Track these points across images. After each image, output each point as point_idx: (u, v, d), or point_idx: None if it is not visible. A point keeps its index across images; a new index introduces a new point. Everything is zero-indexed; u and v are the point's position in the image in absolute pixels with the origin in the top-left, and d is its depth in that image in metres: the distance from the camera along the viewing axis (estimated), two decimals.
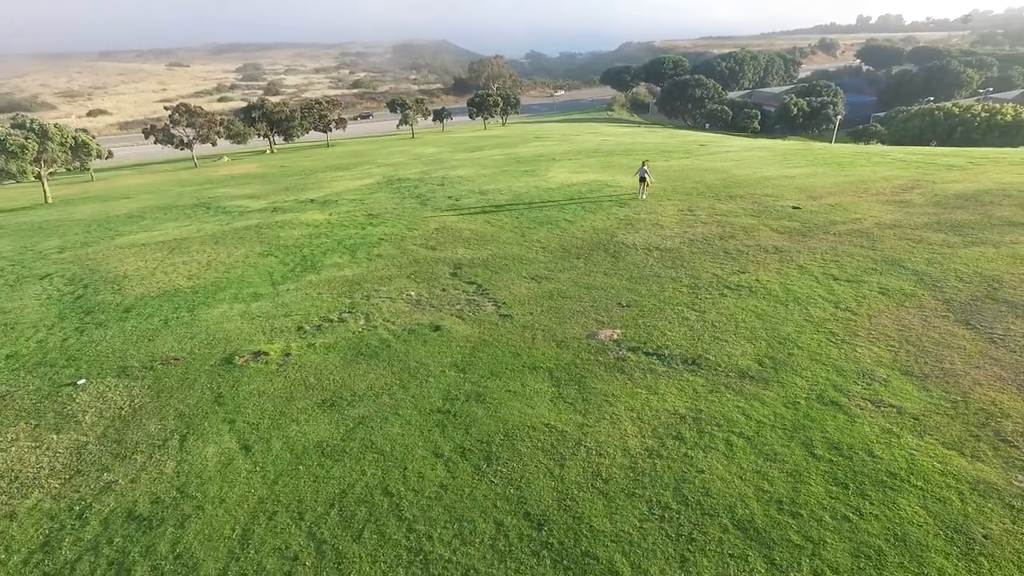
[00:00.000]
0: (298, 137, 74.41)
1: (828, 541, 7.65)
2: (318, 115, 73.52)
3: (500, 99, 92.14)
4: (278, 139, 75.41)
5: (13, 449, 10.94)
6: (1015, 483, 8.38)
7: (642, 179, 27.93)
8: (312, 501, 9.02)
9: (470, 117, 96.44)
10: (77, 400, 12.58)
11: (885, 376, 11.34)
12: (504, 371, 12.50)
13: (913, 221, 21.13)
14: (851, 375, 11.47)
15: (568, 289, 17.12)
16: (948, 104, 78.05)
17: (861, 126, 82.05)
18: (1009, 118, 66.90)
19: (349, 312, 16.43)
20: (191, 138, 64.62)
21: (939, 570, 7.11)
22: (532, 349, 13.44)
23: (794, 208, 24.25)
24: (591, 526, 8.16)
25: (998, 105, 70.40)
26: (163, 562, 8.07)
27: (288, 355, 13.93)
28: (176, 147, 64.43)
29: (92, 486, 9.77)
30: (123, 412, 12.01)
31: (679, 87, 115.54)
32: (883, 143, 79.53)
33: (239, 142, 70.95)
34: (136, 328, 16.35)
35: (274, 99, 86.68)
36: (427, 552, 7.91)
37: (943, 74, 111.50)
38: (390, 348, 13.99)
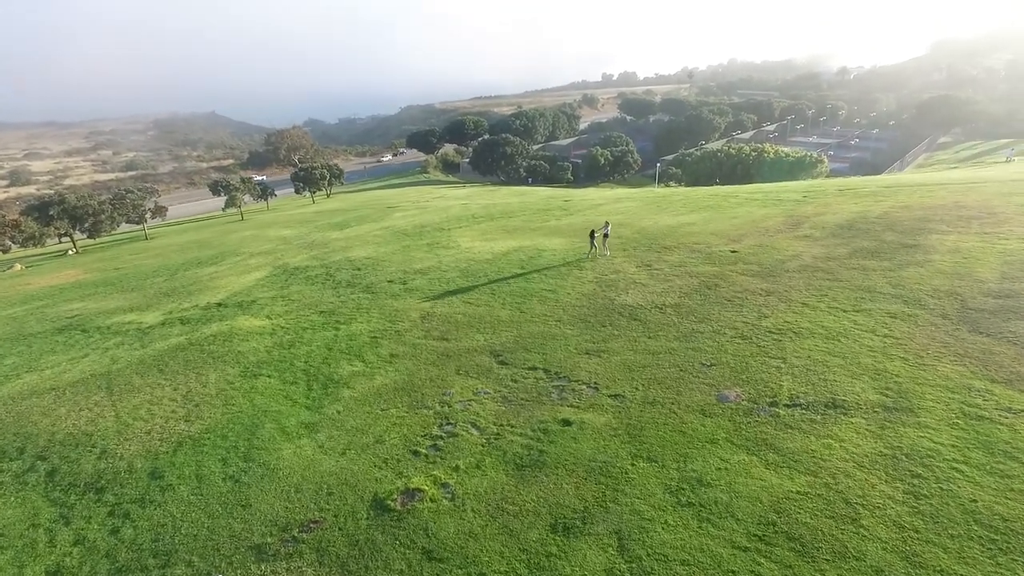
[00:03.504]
0: (107, 232, 64.66)
1: None
2: (131, 205, 64.71)
3: (327, 171, 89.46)
4: (79, 236, 64.69)
5: None
6: None
7: (605, 235, 29.76)
8: None
9: (296, 192, 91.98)
10: None
11: (985, 387, 13.74)
12: (694, 452, 12.69)
13: (838, 253, 25.37)
14: (962, 391, 13.69)
15: (636, 358, 17.70)
16: (725, 146, 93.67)
17: (660, 168, 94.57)
18: (772, 156, 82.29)
19: (447, 423, 15.19)
20: None
21: None
22: (685, 424, 13.78)
23: (732, 252, 27.58)
24: None
25: (761, 146, 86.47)
26: None
27: (445, 485, 12.54)
28: None
29: None
30: None
31: (489, 146, 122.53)
32: (679, 183, 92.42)
33: (33, 245, 59.40)
34: (202, 497, 13.34)
35: (71, 190, 74.24)
36: None
37: (699, 122, 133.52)
38: (545, 453, 13.32)
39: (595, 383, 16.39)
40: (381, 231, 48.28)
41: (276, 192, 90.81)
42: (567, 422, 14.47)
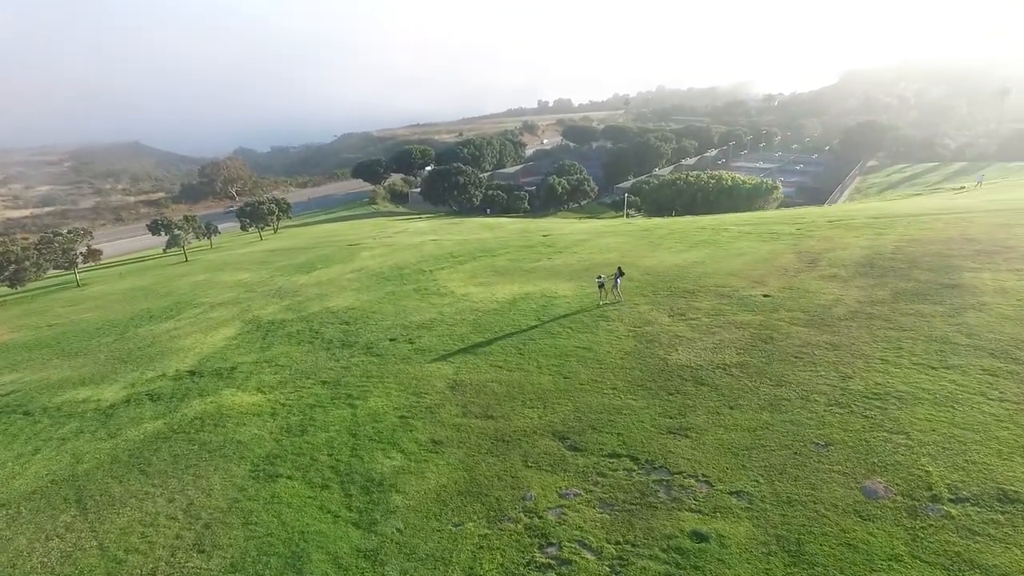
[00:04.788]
0: (32, 280, 58.06)
1: None
2: (61, 249, 58.36)
3: (275, 206, 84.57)
4: None
5: None
6: None
7: (616, 282, 27.81)
8: None
9: (242, 228, 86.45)
10: None
11: None
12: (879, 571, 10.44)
13: (880, 296, 24.17)
14: None
15: (731, 438, 15.49)
16: (683, 174, 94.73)
17: (619, 197, 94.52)
18: (729, 183, 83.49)
19: (548, 543, 12.41)
20: None
21: None
22: (847, 533, 11.56)
23: (765, 296, 26.04)
24: None
25: (719, 173, 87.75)
26: None
27: None
28: None
29: None
30: None
31: (441, 175, 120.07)
32: (638, 211, 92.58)
33: None
34: None
35: None
36: None
37: (647, 149, 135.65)
38: None
39: (703, 476, 14.01)
40: (354, 274, 44.78)
41: (219, 228, 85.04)
42: (700, 536, 11.99)
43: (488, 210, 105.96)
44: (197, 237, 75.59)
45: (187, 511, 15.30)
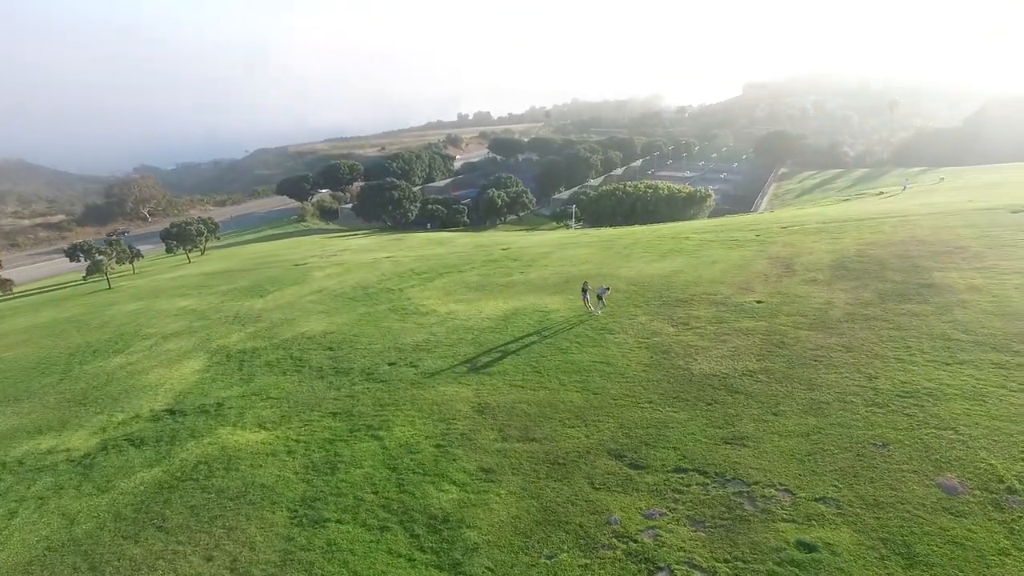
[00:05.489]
0: None
1: None
2: None
3: (203, 226, 79.88)
4: None
5: None
6: None
7: (600, 296, 28.08)
8: None
9: (168, 251, 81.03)
10: None
11: None
12: (997, 571, 10.80)
13: (867, 298, 25.54)
14: None
15: (789, 444, 15.76)
16: (621, 184, 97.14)
17: (558, 208, 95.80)
18: (666, 192, 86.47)
19: (656, 567, 12.07)
20: None
21: None
22: (948, 532, 11.93)
23: (758, 303, 26.93)
24: None
25: (656, 183, 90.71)
26: None
27: None
28: None
29: None
30: None
31: (375, 190, 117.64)
32: (577, 221, 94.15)
33: None
34: None
35: None
36: None
37: (577, 160, 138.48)
38: None
39: (780, 484, 14.14)
40: (315, 296, 42.80)
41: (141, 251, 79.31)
42: (807, 546, 12.03)
43: (428, 224, 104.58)
44: (119, 262, 70.06)
45: (234, 569, 13.87)
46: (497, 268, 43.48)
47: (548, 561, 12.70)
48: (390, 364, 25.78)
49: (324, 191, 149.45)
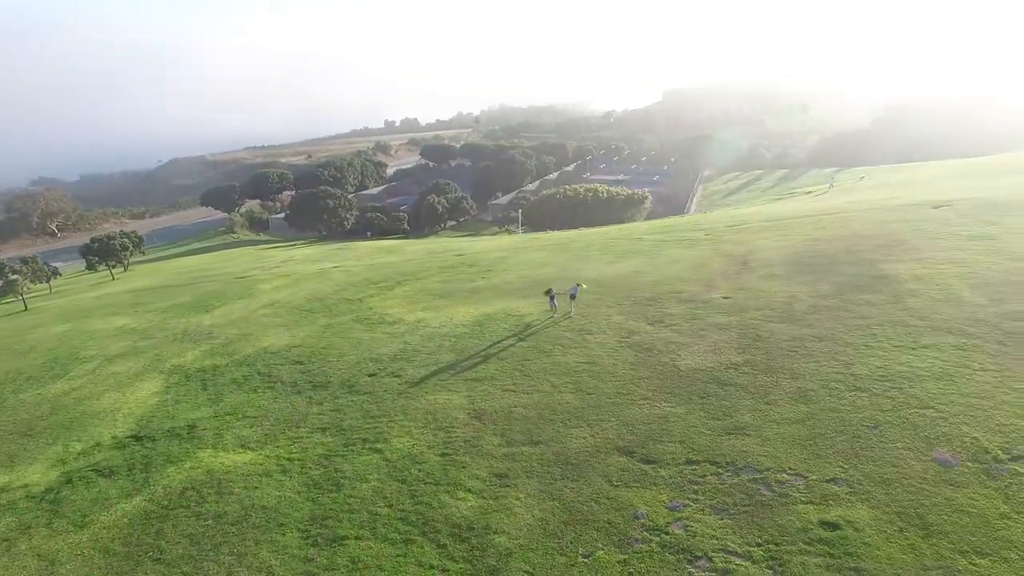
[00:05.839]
0: None
1: None
2: None
3: (128, 241, 75.31)
4: None
5: None
6: None
7: (573, 296, 28.52)
8: None
9: (89, 268, 75.81)
10: None
11: None
12: (1011, 535, 11.80)
13: (824, 291, 27.13)
14: None
15: (789, 431, 16.58)
16: (561, 188, 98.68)
17: (500, 213, 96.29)
18: (605, 195, 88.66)
19: (694, 557, 12.43)
20: None
21: None
22: (953, 502, 12.90)
23: (725, 299, 28.10)
24: None
25: (595, 186, 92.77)
26: None
27: None
28: None
29: None
30: None
31: (309, 199, 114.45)
32: (519, 225, 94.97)
33: None
34: None
35: None
36: None
37: (514, 165, 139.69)
38: (865, 572, 11.43)
39: (790, 469, 14.87)
40: (268, 309, 41.23)
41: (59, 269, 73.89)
42: (831, 524, 12.73)
43: (369, 233, 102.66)
44: (35, 281, 65.00)
45: None
46: (457, 274, 43.31)
47: (586, 560, 12.84)
48: (370, 375, 25.23)
49: (253, 201, 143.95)
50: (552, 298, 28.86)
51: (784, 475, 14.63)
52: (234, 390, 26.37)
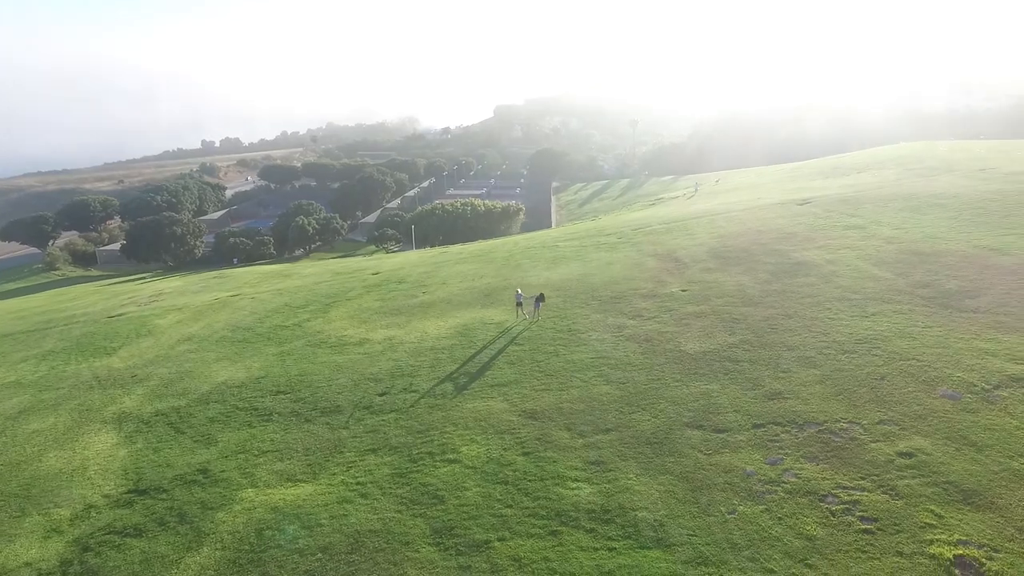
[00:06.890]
0: None
1: None
2: None
3: None
4: None
5: None
6: None
7: (539, 303, 29.84)
8: None
9: None
10: None
11: None
12: None
13: (763, 277, 31.58)
14: None
15: (818, 390, 19.66)
16: (440, 204, 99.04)
17: (376, 232, 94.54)
18: (482, 209, 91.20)
19: (825, 495, 14.70)
20: None
21: None
22: (975, 422, 16.55)
23: (683, 291, 31.45)
24: None
25: (471, 200, 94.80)
26: None
27: (982, 546, 12.63)
28: None
29: None
30: None
31: (150, 227, 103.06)
32: (397, 243, 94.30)
33: None
34: None
35: None
36: None
37: (373, 183, 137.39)
38: (978, 476, 14.42)
39: (843, 419, 17.81)
40: (192, 344, 37.44)
41: None
42: (906, 454, 15.71)
43: (236, 259, 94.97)
44: None
45: None
46: (389, 292, 42.71)
47: (732, 515, 14.55)
48: (381, 395, 24.71)
49: (70, 233, 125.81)
50: (520, 303, 30.12)
51: (842, 424, 17.53)
52: (222, 428, 24.30)
